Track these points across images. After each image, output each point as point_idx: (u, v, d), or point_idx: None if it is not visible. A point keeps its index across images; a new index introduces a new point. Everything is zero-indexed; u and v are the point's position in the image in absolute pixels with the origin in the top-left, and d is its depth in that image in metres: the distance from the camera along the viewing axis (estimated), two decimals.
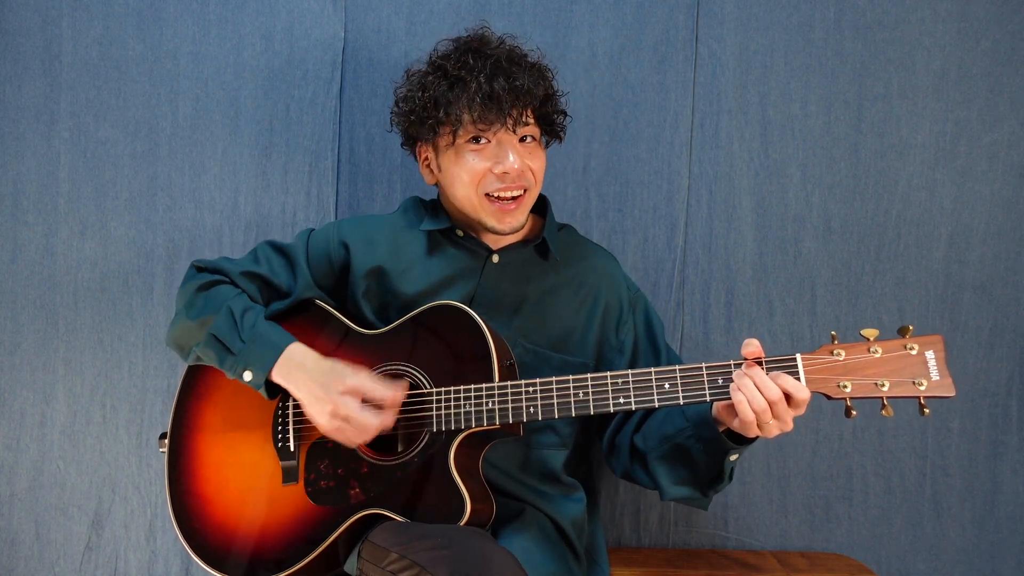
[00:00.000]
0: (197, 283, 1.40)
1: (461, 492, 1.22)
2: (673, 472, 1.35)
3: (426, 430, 1.28)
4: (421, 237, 1.46)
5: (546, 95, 1.37)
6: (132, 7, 1.78)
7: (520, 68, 1.33)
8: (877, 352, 1.15)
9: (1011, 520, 1.78)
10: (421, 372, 1.32)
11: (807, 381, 1.16)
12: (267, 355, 1.30)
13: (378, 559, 1.17)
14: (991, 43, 1.76)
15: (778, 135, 1.78)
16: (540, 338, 1.42)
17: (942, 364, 1.14)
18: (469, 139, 1.35)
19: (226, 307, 1.34)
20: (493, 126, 1.32)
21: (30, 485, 1.79)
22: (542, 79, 1.37)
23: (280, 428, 1.36)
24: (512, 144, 1.35)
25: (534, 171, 1.38)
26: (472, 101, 1.30)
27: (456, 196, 1.40)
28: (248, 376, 1.31)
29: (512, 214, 1.37)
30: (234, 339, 1.31)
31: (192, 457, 1.41)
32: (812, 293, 1.78)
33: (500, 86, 1.30)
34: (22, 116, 1.77)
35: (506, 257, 1.44)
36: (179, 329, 1.39)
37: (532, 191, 1.39)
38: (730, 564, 1.70)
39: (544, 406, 1.24)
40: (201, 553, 1.35)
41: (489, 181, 1.35)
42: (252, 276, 1.43)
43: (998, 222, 1.77)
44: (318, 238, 1.47)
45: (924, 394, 1.14)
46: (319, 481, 1.32)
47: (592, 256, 1.51)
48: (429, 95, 1.34)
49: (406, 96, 1.40)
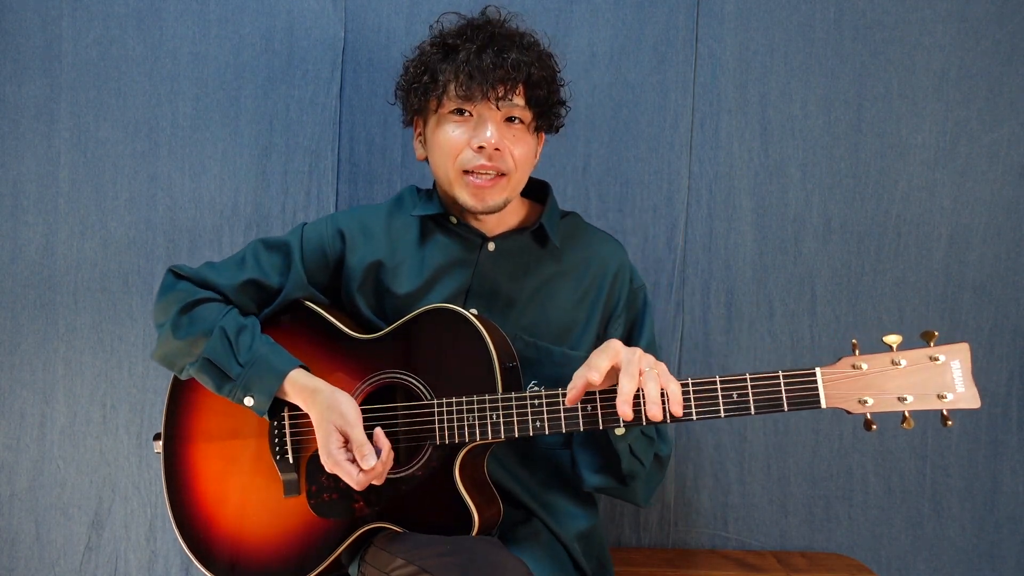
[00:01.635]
0: (179, 300, 1.34)
1: (468, 507, 1.20)
2: (591, 460, 1.31)
3: (428, 443, 1.24)
4: (413, 224, 1.41)
5: (540, 77, 1.31)
6: (132, 7, 1.78)
7: (514, 44, 1.29)
8: (901, 363, 1.09)
9: (1011, 520, 1.78)
10: (420, 381, 1.27)
11: (826, 397, 1.10)
12: (269, 381, 1.26)
13: (383, 564, 1.15)
14: (991, 43, 1.76)
15: (778, 135, 1.78)
16: (541, 331, 1.37)
17: (968, 375, 1.07)
18: (453, 110, 1.30)
19: (219, 328, 1.29)
20: (475, 97, 1.27)
21: (30, 485, 1.79)
22: (538, 60, 1.31)
23: (277, 439, 1.32)
24: (494, 120, 1.29)
25: (515, 156, 1.31)
26: (459, 70, 1.26)
27: (437, 170, 1.35)
28: (249, 402, 1.27)
29: (487, 192, 1.30)
30: (231, 363, 1.27)
31: (189, 467, 1.37)
32: (812, 293, 1.78)
33: (488, 57, 1.26)
34: (22, 116, 1.78)
35: (502, 245, 1.38)
36: (165, 348, 1.34)
37: (512, 177, 1.32)
38: (730, 564, 1.70)
39: (551, 420, 1.18)
40: (205, 563, 1.33)
41: (467, 156, 1.29)
42: (244, 286, 1.37)
43: (998, 222, 1.77)
44: (313, 231, 1.42)
45: (949, 407, 1.08)
46: (322, 494, 1.29)
47: (597, 244, 1.43)
48: (424, 62, 1.32)
49: (406, 67, 1.37)
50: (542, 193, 1.44)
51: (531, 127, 1.34)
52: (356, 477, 1.19)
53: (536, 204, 1.45)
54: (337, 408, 1.23)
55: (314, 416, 1.25)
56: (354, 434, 1.21)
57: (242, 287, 1.37)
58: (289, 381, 1.27)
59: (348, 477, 1.20)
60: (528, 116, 1.33)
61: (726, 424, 1.79)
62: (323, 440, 1.22)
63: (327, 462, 1.22)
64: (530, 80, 1.29)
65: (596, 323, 1.39)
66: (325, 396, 1.24)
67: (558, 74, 1.36)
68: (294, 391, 1.27)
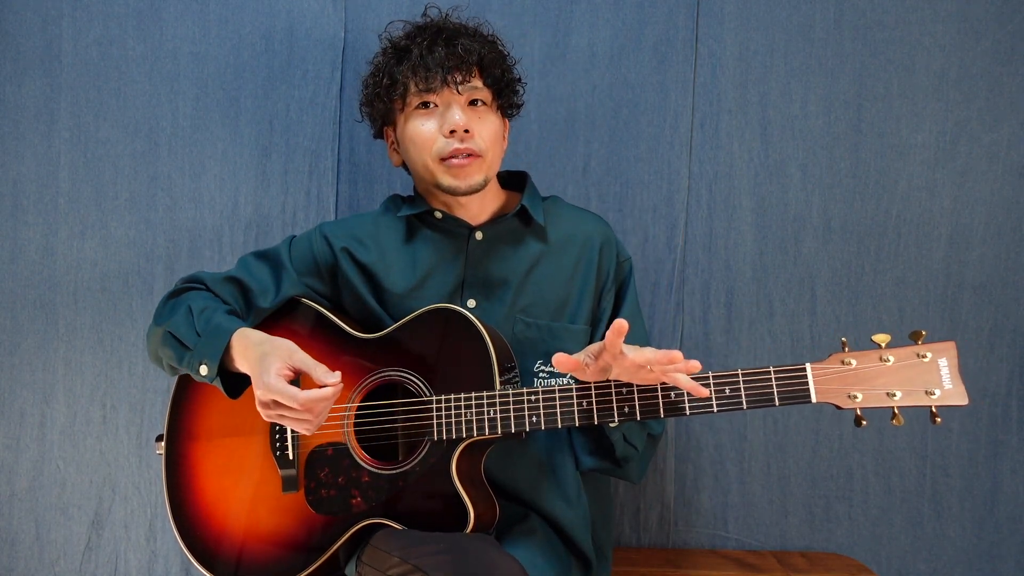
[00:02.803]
0: (165, 295, 1.40)
1: (464, 502, 1.21)
2: (586, 443, 1.36)
3: (427, 439, 1.26)
4: (399, 225, 1.44)
5: (492, 58, 1.37)
6: (132, 7, 1.78)
7: (460, 34, 1.36)
8: (889, 360, 1.13)
9: (1011, 520, 1.78)
10: (419, 378, 1.29)
11: (816, 391, 1.14)
12: (217, 343, 1.25)
13: (379, 563, 1.16)
14: (991, 43, 1.76)
15: (778, 135, 1.78)
16: (539, 310, 1.40)
17: (955, 372, 1.11)
18: (418, 105, 1.36)
19: (185, 306, 1.32)
20: (436, 88, 1.33)
21: (30, 485, 1.79)
22: (487, 44, 1.38)
23: (278, 435, 1.34)
24: (459, 103, 1.34)
25: (485, 137, 1.36)
26: (416, 67, 1.32)
27: (415, 166, 1.39)
28: (204, 371, 1.25)
29: (466, 170, 1.34)
30: (190, 334, 1.28)
31: (190, 465, 1.39)
32: (812, 293, 1.78)
33: (440, 49, 1.32)
34: (22, 116, 1.78)
35: (490, 232, 1.41)
36: (151, 340, 1.37)
37: (487, 157, 1.36)
38: (730, 564, 1.70)
39: (547, 415, 1.21)
40: (204, 562, 1.34)
41: (440, 144, 1.34)
42: (228, 281, 1.41)
43: (998, 222, 1.77)
44: (300, 242, 1.45)
45: (936, 403, 1.11)
46: (320, 490, 1.30)
47: (581, 220, 1.47)
48: (380, 71, 1.38)
49: (365, 83, 1.44)
50: (522, 182, 1.48)
51: (494, 107, 1.41)
52: (299, 396, 1.15)
53: (516, 193, 1.49)
54: (281, 345, 1.21)
55: (252, 361, 1.21)
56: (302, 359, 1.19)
57: (225, 281, 1.41)
58: (236, 337, 1.25)
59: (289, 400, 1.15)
60: (489, 96, 1.39)
61: (726, 424, 1.79)
62: (259, 372, 1.18)
63: (262, 392, 1.18)
64: (483, 62, 1.36)
65: (590, 296, 1.43)
66: (266, 342, 1.23)
67: (508, 56, 1.42)
68: (239, 346, 1.24)
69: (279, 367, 1.18)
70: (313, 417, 1.19)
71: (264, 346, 1.22)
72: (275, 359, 1.19)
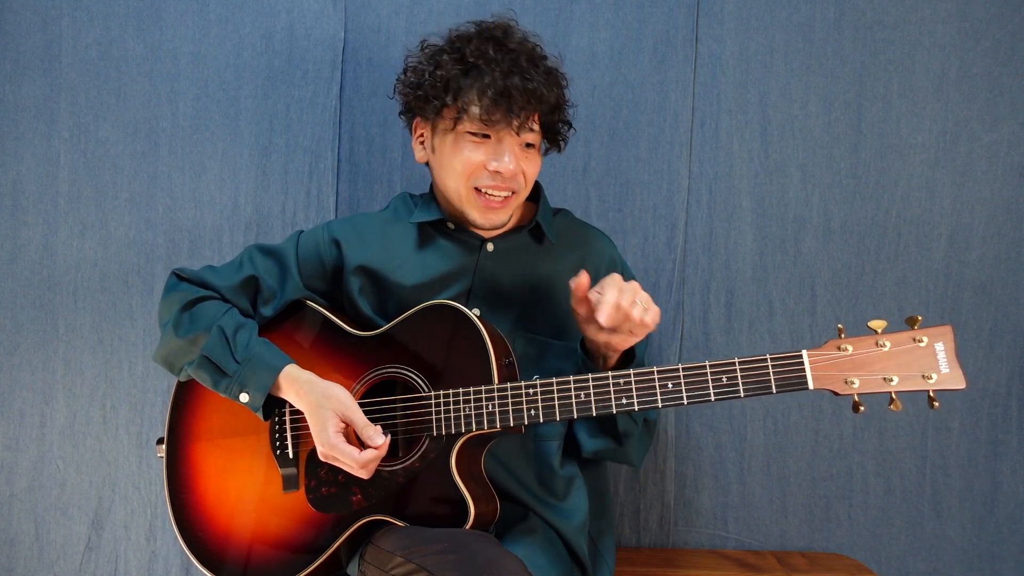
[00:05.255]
0: (181, 300, 1.36)
1: (464, 497, 1.21)
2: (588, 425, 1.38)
3: (426, 435, 1.26)
4: (411, 230, 1.43)
5: (556, 104, 1.34)
6: (132, 7, 1.78)
7: (537, 70, 1.30)
8: (885, 345, 1.12)
9: (1011, 520, 1.78)
10: (417, 374, 1.30)
11: (813, 378, 1.13)
12: (264, 377, 1.28)
13: (382, 563, 1.16)
14: (991, 43, 1.76)
15: (778, 135, 1.78)
16: (542, 326, 1.40)
17: (952, 356, 1.11)
18: (472, 131, 1.32)
19: (217, 327, 1.31)
20: (499, 124, 1.28)
21: (30, 485, 1.79)
22: (556, 86, 1.33)
23: (278, 434, 1.34)
24: (513, 146, 1.31)
25: (527, 175, 1.35)
26: (484, 93, 1.27)
27: (445, 182, 1.37)
28: (245, 398, 1.29)
29: (496, 212, 1.35)
30: (228, 360, 1.29)
31: (191, 465, 1.39)
32: (812, 293, 1.78)
33: (514, 84, 1.26)
34: (22, 116, 1.78)
35: (501, 245, 1.41)
36: (167, 348, 1.35)
37: (520, 194, 1.36)
38: (730, 564, 1.70)
39: (545, 408, 1.22)
40: (205, 562, 1.34)
41: (481, 176, 1.32)
42: (242, 285, 1.39)
43: (998, 222, 1.77)
44: (308, 239, 1.44)
45: (934, 387, 1.11)
46: (320, 488, 1.30)
47: (591, 239, 1.48)
48: (441, 75, 1.30)
49: (416, 68, 1.36)
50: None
51: (540, 147, 1.39)
52: (358, 458, 1.21)
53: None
54: (334, 396, 1.26)
55: (307, 406, 1.27)
56: (356, 417, 1.25)
57: (240, 286, 1.40)
58: (284, 375, 1.29)
59: (349, 459, 1.22)
60: (539, 139, 1.38)
61: (726, 424, 1.79)
62: (319, 427, 1.24)
63: (324, 448, 1.24)
64: (548, 106, 1.33)
65: None
66: (319, 386, 1.27)
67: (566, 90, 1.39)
68: (288, 384, 1.29)
69: (336, 423, 1.24)
70: (368, 472, 1.25)
71: (316, 395, 1.26)
72: (331, 414, 1.24)
